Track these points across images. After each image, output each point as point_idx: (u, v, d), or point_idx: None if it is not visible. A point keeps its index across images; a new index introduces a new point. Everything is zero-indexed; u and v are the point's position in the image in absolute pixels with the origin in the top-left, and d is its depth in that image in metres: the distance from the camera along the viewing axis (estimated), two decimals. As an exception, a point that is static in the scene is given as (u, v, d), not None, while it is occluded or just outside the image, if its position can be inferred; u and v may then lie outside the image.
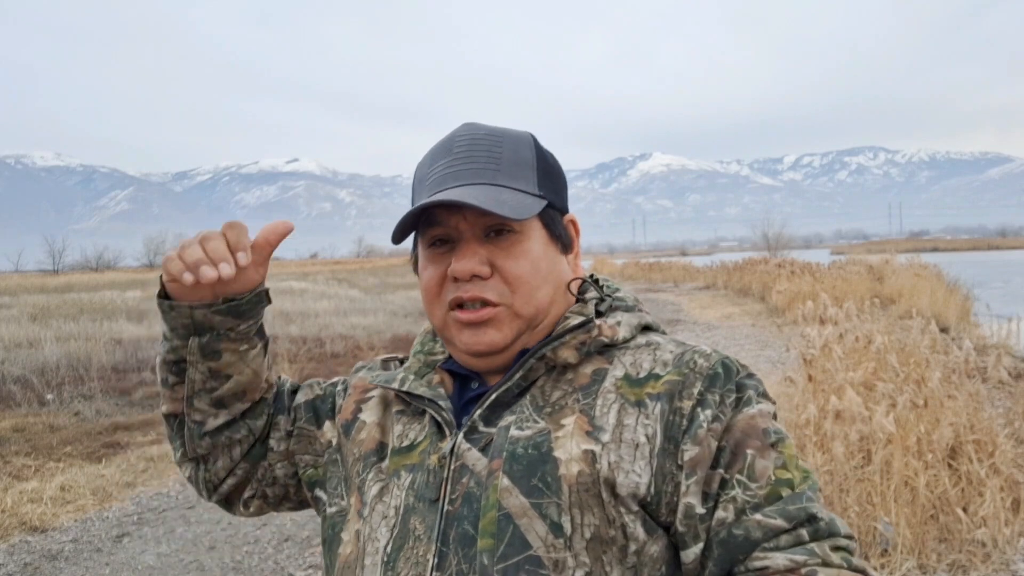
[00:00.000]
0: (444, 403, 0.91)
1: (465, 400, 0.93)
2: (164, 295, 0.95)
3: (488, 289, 0.88)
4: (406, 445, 0.92)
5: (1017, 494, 3.98)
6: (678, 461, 0.82)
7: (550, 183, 0.94)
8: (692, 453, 0.81)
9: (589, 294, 0.98)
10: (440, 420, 0.90)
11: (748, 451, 0.82)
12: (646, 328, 0.96)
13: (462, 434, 0.87)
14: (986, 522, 3.65)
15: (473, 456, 0.85)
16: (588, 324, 0.90)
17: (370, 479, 0.92)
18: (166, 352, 0.98)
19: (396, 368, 1.07)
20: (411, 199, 0.98)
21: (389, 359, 1.10)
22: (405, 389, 0.95)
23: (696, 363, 0.87)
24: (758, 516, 0.79)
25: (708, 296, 22.01)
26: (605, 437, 0.83)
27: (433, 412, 0.91)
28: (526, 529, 0.79)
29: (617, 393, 0.86)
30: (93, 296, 21.52)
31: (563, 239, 0.96)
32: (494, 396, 0.88)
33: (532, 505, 0.80)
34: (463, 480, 0.84)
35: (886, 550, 3.52)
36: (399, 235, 0.90)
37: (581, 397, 0.87)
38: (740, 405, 0.85)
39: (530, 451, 0.83)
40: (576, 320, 0.91)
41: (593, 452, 0.81)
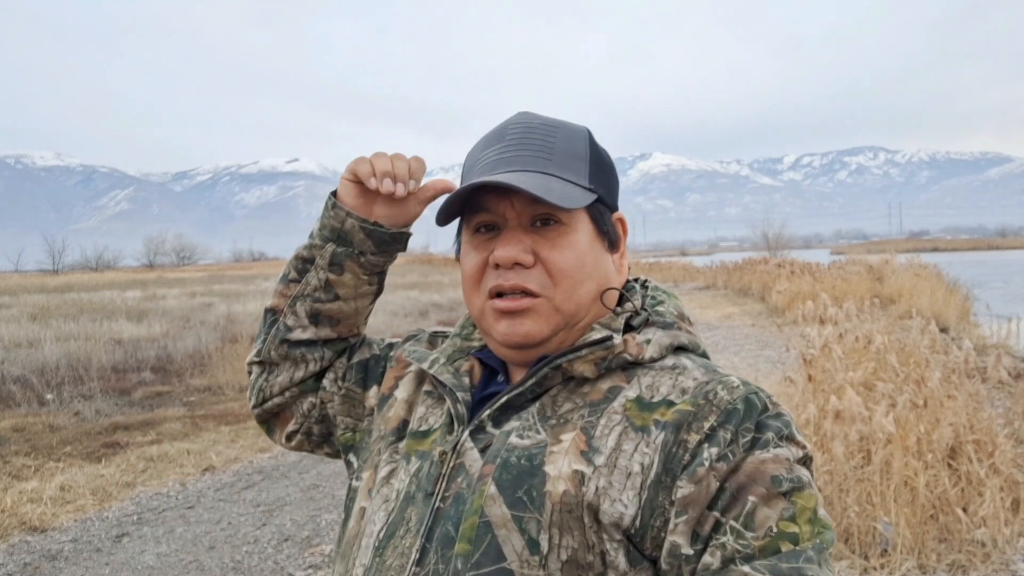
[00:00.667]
0: (462, 395, 0.90)
1: (482, 395, 0.91)
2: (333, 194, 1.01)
3: (530, 279, 0.86)
4: (423, 430, 0.92)
5: (1017, 494, 3.98)
6: (671, 496, 0.77)
7: (602, 178, 0.92)
8: (686, 491, 0.76)
9: (628, 304, 0.93)
10: (453, 412, 0.89)
11: (750, 498, 0.75)
12: (680, 348, 0.90)
13: (468, 432, 0.86)
14: (986, 522, 3.65)
15: (472, 456, 0.84)
16: (607, 341, 0.85)
17: (384, 459, 0.92)
18: (303, 248, 1.04)
19: (440, 345, 1.06)
20: (461, 184, 0.95)
21: (438, 333, 1.09)
22: (432, 372, 0.94)
23: (716, 395, 0.81)
24: (746, 568, 0.72)
25: (708, 296, 22.02)
26: (599, 460, 0.79)
27: (449, 401, 0.90)
28: (503, 541, 0.77)
29: (623, 415, 0.82)
30: (93, 296, 21.52)
31: (610, 236, 0.93)
32: (505, 399, 0.87)
33: (513, 517, 0.78)
34: (458, 479, 0.83)
35: (886, 550, 3.52)
36: (444, 217, 0.89)
37: (587, 414, 0.83)
38: (754, 447, 0.78)
39: (523, 462, 0.81)
40: (598, 335, 0.86)
41: (583, 473, 0.78)
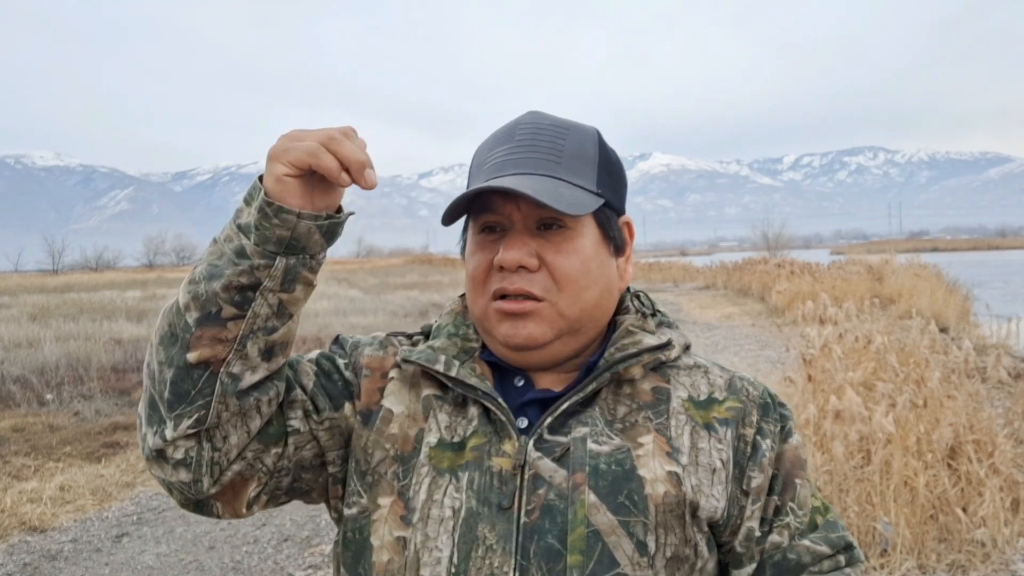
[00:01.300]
0: (501, 401, 0.86)
1: (522, 402, 0.88)
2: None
3: (534, 283, 0.85)
4: (457, 441, 0.86)
5: (1017, 494, 3.98)
6: (743, 486, 0.87)
7: (610, 182, 0.91)
8: (758, 480, 0.87)
9: (635, 304, 0.96)
10: (502, 419, 0.85)
11: (797, 481, 0.89)
12: (686, 347, 0.96)
13: (532, 441, 0.84)
14: (986, 522, 3.65)
15: (548, 466, 0.82)
16: (667, 347, 0.90)
17: (414, 481, 0.84)
18: (235, 274, 0.76)
19: (406, 345, 0.97)
20: (467, 183, 0.95)
21: (396, 334, 1.00)
22: (454, 375, 0.88)
23: (748, 391, 0.91)
24: (806, 542, 0.87)
25: (708, 296, 22.01)
26: (684, 460, 0.84)
27: (493, 408, 0.86)
28: (614, 547, 0.79)
29: (686, 415, 0.87)
30: (93, 296, 21.52)
31: (616, 241, 0.92)
32: (567, 405, 0.85)
33: (620, 523, 0.80)
34: (539, 491, 0.81)
35: (886, 550, 3.52)
36: (449, 217, 0.88)
37: (652, 416, 0.86)
38: (785, 435, 0.91)
39: (613, 467, 0.82)
40: (653, 340, 0.89)
41: (677, 474, 0.83)
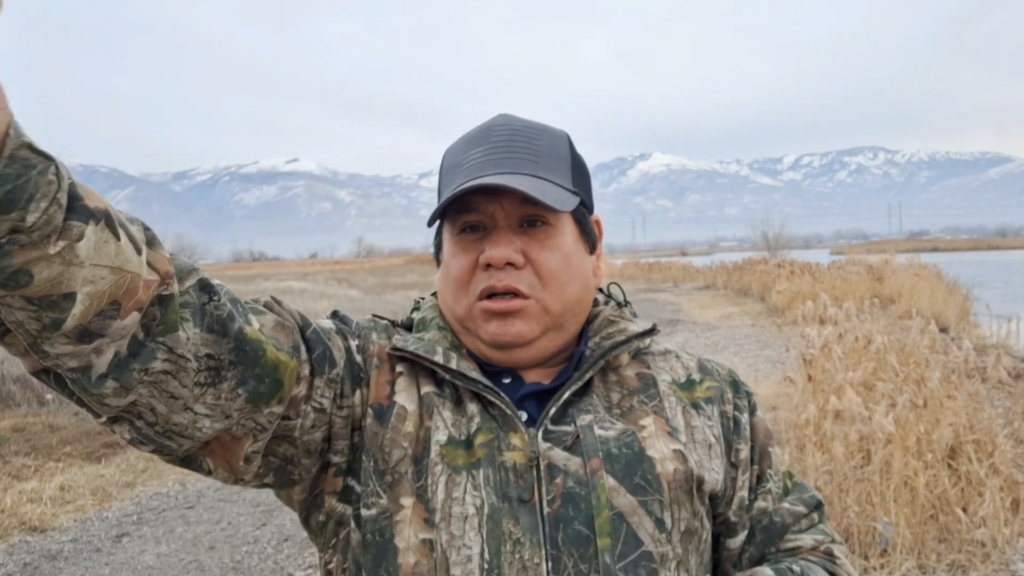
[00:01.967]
0: (503, 395, 0.87)
1: (519, 396, 0.89)
2: None
3: (520, 280, 0.87)
4: (465, 438, 0.85)
5: (1017, 494, 3.98)
6: (731, 459, 0.93)
7: (582, 181, 0.94)
8: (744, 452, 0.94)
9: (601, 297, 1.01)
10: (506, 413, 0.86)
11: (769, 450, 0.97)
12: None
13: (541, 432, 0.85)
14: (986, 522, 3.66)
15: (560, 456, 0.84)
16: (653, 332, 0.95)
17: (430, 483, 0.83)
18: None
19: (401, 334, 0.94)
20: (439, 186, 0.95)
21: (396, 324, 0.97)
22: (454, 367, 0.87)
23: (718, 371, 0.98)
24: (786, 504, 0.96)
25: (708, 296, 22.01)
26: (682, 438, 0.89)
27: (497, 402, 0.86)
28: (637, 527, 0.82)
29: (675, 397, 0.92)
30: (93, 296, 21.47)
31: (591, 238, 0.95)
32: (568, 394, 0.88)
33: (640, 503, 0.83)
34: (556, 480, 0.82)
35: (886, 550, 3.52)
36: (438, 217, 0.89)
37: (646, 400, 0.91)
38: (753, 409, 0.98)
39: (624, 450, 0.85)
40: (637, 327, 0.94)
41: (681, 451, 0.87)
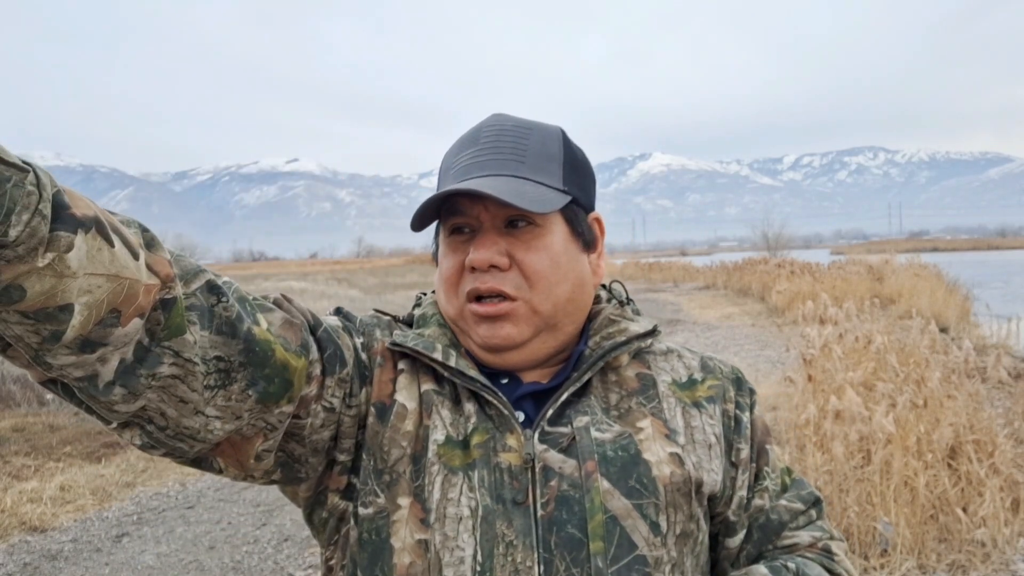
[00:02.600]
0: (500, 394, 0.86)
1: (516, 396, 0.89)
2: None
3: (506, 282, 0.86)
4: (462, 438, 0.85)
5: (1017, 494, 3.98)
6: (732, 459, 0.92)
7: (576, 179, 0.92)
8: (745, 452, 0.93)
9: (605, 295, 1.00)
10: (503, 414, 0.85)
11: (767, 447, 0.97)
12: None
13: (537, 434, 0.85)
14: (986, 522, 3.66)
15: (556, 458, 0.83)
16: (654, 333, 0.94)
17: (427, 482, 0.83)
18: None
19: (404, 330, 0.94)
20: (436, 187, 0.95)
21: (399, 320, 0.97)
22: (453, 365, 0.86)
23: (721, 369, 0.97)
24: (784, 502, 0.95)
25: (708, 296, 22.01)
26: (681, 440, 0.88)
27: (495, 402, 0.85)
28: (631, 530, 0.81)
29: (675, 397, 0.91)
30: (93, 296, 21.48)
31: (585, 237, 0.93)
32: (566, 395, 0.87)
33: (634, 506, 0.82)
34: (551, 482, 0.82)
35: (886, 550, 3.52)
36: (418, 223, 0.88)
37: (644, 401, 0.90)
38: (753, 407, 0.98)
39: (620, 453, 0.84)
40: (638, 327, 0.93)
41: (678, 454, 0.87)
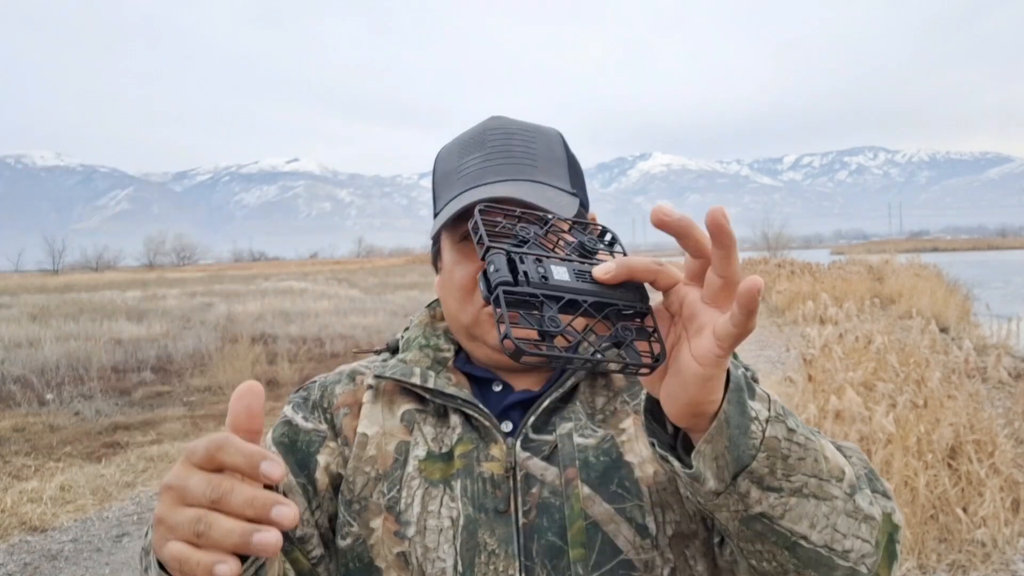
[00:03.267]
0: (482, 406, 0.86)
1: (505, 406, 0.89)
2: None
3: None
4: (444, 452, 0.86)
5: (1017, 494, 3.98)
6: None
7: (578, 180, 0.93)
8: None
9: None
10: (486, 425, 0.86)
11: None
12: None
13: (519, 442, 0.85)
14: (986, 522, 3.65)
15: (538, 465, 0.83)
16: None
17: (404, 495, 0.84)
18: None
19: (376, 362, 0.97)
20: (434, 190, 0.94)
21: (359, 352, 1.01)
22: (432, 386, 0.88)
23: None
24: None
25: (708, 296, 21.96)
26: None
27: (476, 415, 0.86)
28: (614, 535, 0.80)
29: None
30: (93, 296, 21.54)
31: None
32: (547, 403, 0.86)
33: (616, 510, 0.81)
34: (533, 490, 0.82)
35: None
36: (446, 226, 0.87)
37: (629, 399, 0.88)
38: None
39: (601, 458, 0.83)
40: None
41: None
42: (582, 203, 0.92)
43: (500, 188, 0.84)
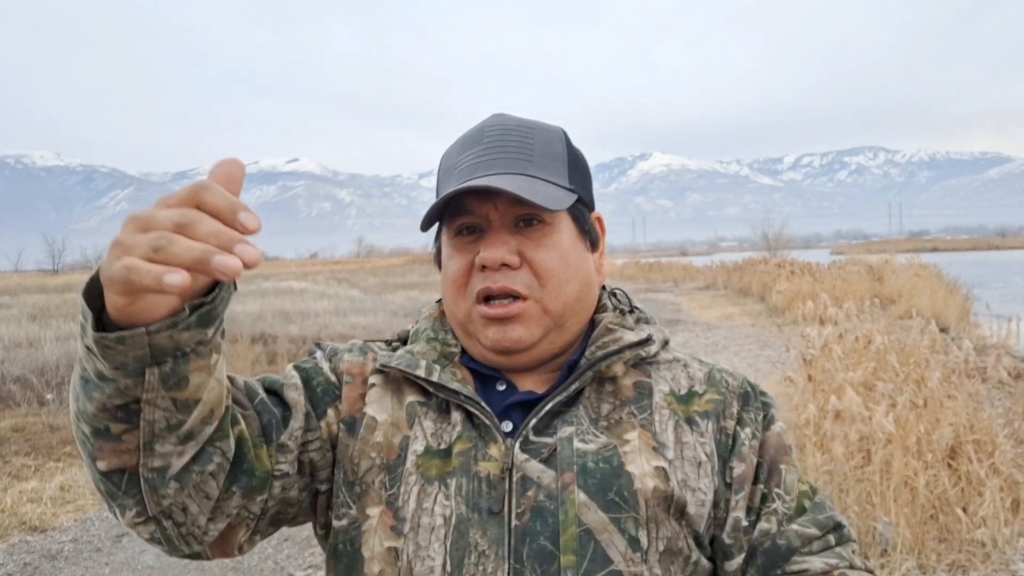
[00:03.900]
0: (484, 405, 0.86)
1: (506, 405, 0.88)
2: (99, 323, 0.65)
3: (517, 280, 0.86)
4: (443, 448, 0.85)
5: (1017, 494, 3.98)
6: (726, 479, 0.87)
7: (579, 178, 0.92)
8: (740, 470, 0.87)
9: (612, 301, 0.98)
10: (486, 424, 0.85)
11: (782, 467, 0.89)
12: (665, 343, 0.97)
13: (518, 443, 0.84)
14: (986, 522, 3.65)
15: (535, 468, 0.82)
16: (648, 342, 0.91)
17: (403, 491, 0.84)
18: (106, 396, 0.67)
19: (384, 351, 0.97)
20: (436, 188, 0.95)
21: (370, 341, 1.00)
22: (435, 380, 0.87)
23: (728, 382, 0.92)
24: (795, 526, 0.87)
25: (708, 296, 22.01)
26: (670, 454, 0.85)
27: (477, 412, 0.85)
28: (607, 544, 0.79)
29: (669, 409, 0.88)
30: (93, 296, 21.47)
31: (591, 235, 0.94)
32: (551, 405, 0.85)
33: (611, 520, 0.80)
34: (528, 493, 0.81)
35: (886, 550, 3.52)
36: (428, 222, 0.88)
37: (636, 412, 0.87)
38: (768, 422, 0.92)
39: (601, 465, 0.82)
40: (633, 336, 0.90)
41: (664, 469, 0.83)
42: (583, 201, 0.92)
43: (488, 180, 0.84)
